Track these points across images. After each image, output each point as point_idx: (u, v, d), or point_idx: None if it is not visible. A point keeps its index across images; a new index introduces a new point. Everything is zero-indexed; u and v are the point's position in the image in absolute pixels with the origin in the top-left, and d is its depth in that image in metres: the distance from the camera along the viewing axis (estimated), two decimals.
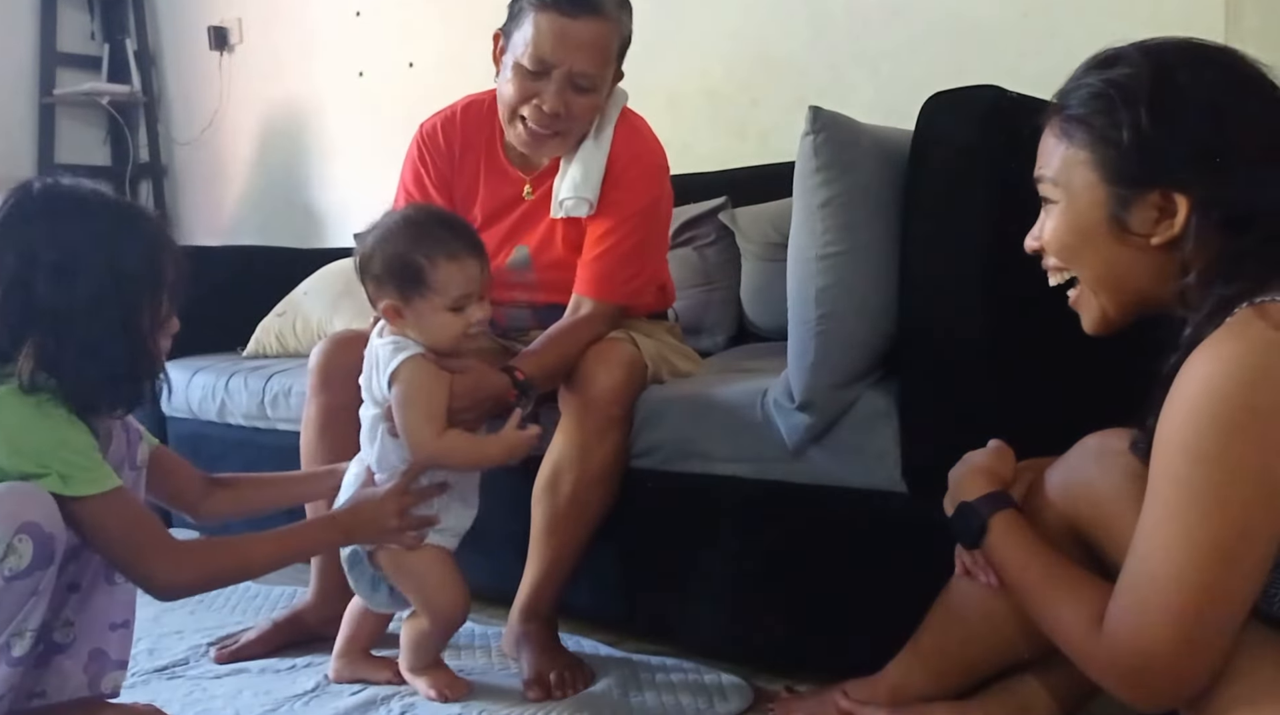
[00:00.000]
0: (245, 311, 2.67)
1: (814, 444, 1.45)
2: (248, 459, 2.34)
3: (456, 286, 1.40)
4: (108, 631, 1.32)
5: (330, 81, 3.48)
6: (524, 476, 1.62)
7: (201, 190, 3.99)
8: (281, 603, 2.05)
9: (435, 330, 1.42)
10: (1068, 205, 1.03)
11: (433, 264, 1.39)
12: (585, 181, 1.67)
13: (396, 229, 1.43)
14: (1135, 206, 0.97)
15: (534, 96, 1.61)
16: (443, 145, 1.78)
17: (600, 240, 1.69)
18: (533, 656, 1.55)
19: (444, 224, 1.44)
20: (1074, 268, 1.06)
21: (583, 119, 1.66)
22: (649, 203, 1.71)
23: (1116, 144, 0.97)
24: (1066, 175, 1.02)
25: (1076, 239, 1.03)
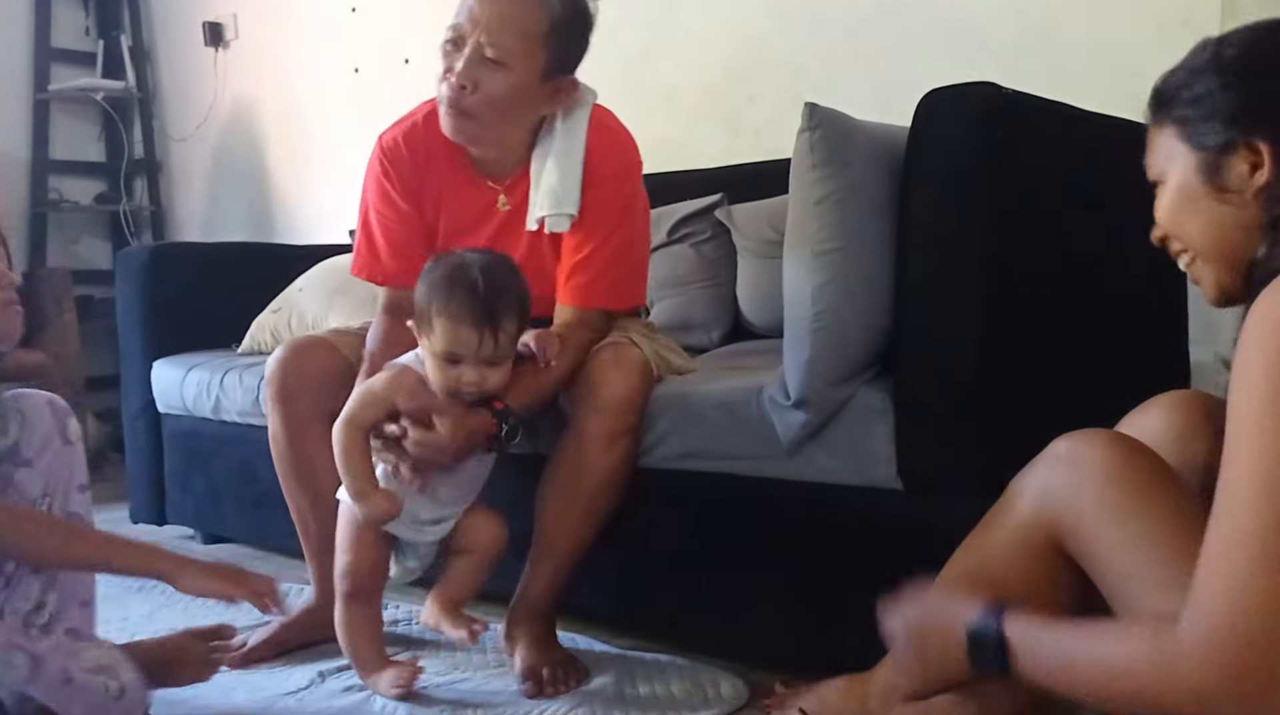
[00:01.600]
0: (240, 308, 2.66)
1: (810, 441, 1.45)
2: (242, 456, 2.34)
3: (445, 343, 1.43)
4: (78, 609, 1.36)
5: (326, 77, 3.47)
6: (527, 475, 1.62)
7: (196, 186, 3.98)
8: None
9: (430, 369, 1.46)
10: (1170, 181, 1.07)
11: (435, 313, 1.43)
12: (565, 194, 1.62)
13: (442, 267, 1.47)
14: (1226, 162, 1.01)
15: (449, 69, 1.56)
16: (406, 156, 1.71)
17: (581, 246, 1.64)
18: (527, 652, 1.55)
19: (469, 289, 1.42)
20: (1185, 240, 1.08)
21: (495, 101, 1.57)
22: (626, 201, 1.67)
23: (1198, 110, 1.02)
24: (1166, 155, 1.07)
25: (1182, 208, 1.06)
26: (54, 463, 1.36)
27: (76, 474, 1.39)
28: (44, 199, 3.79)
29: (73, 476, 1.38)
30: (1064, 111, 1.44)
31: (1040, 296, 1.38)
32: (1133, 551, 1.01)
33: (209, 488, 2.46)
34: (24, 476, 1.33)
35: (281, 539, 2.23)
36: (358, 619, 1.55)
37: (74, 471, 1.39)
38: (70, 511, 1.37)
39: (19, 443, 1.33)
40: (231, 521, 2.45)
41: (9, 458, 1.32)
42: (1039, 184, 1.37)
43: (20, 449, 1.33)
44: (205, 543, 2.58)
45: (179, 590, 1.35)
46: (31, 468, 1.34)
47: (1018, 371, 1.34)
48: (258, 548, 2.46)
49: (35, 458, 1.34)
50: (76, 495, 1.39)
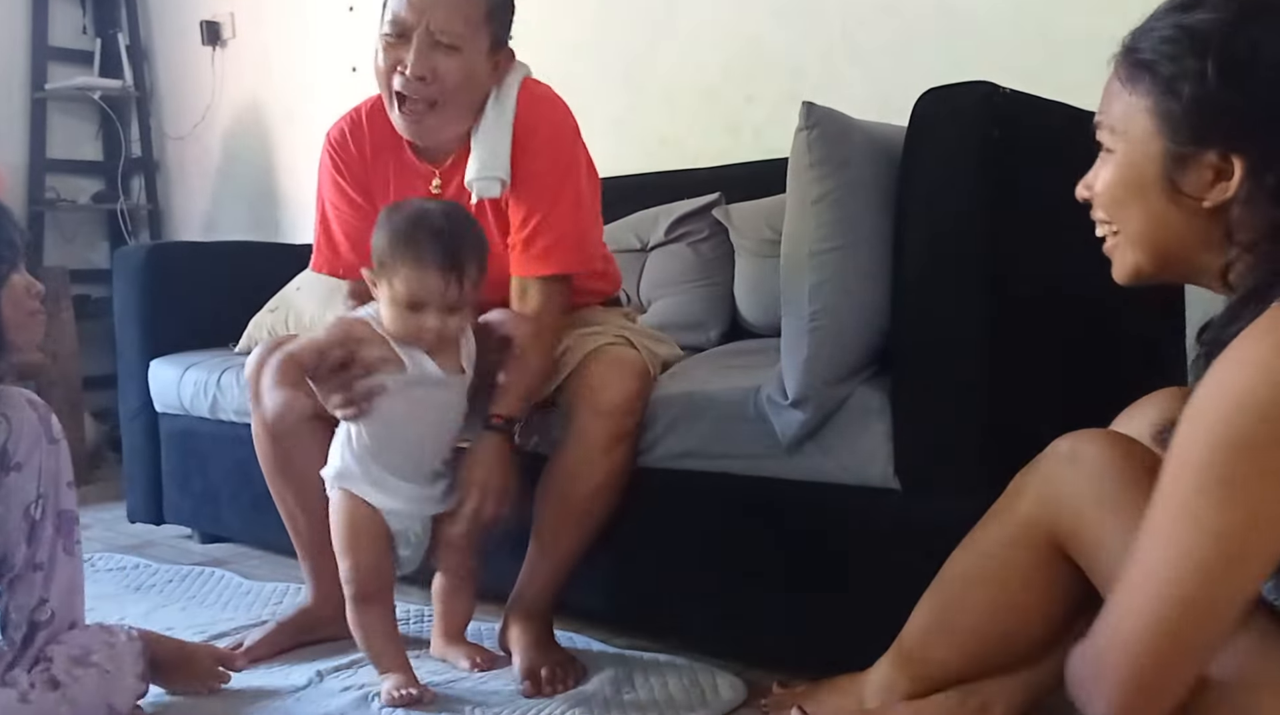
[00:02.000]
0: (237, 307, 2.66)
1: (807, 441, 1.45)
2: (239, 455, 2.33)
3: (410, 289, 1.44)
4: (73, 598, 1.39)
5: (323, 77, 3.46)
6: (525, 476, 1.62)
7: (194, 185, 3.98)
8: (274, 599, 2.05)
9: (390, 318, 1.47)
10: (1123, 155, 0.99)
11: (400, 260, 1.44)
12: (493, 158, 1.61)
13: (402, 214, 1.48)
14: (1191, 165, 0.93)
15: (399, 63, 1.56)
16: (353, 150, 1.72)
17: (529, 215, 1.61)
18: (526, 652, 1.55)
19: (434, 234, 1.44)
20: (1119, 221, 1.01)
21: (455, 86, 1.57)
22: (567, 164, 1.63)
23: (1179, 96, 0.92)
24: (1125, 123, 0.98)
25: (1127, 192, 0.99)
26: (44, 462, 1.37)
27: (64, 471, 1.41)
28: (41, 198, 3.79)
29: (61, 474, 1.40)
30: (1061, 110, 1.44)
31: (1037, 296, 1.38)
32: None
33: (206, 487, 2.46)
34: (15, 481, 1.34)
35: (279, 538, 2.22)
36: (369, 618, 1.53)
37: (61, 469, 1.40)
38: (62, 509, 1.39)
39: (6, 446, 1.34)
40: (229, 521, 2.45)
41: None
42: (1036, 183, 1.37)
43: (8, 453, 1.34)
44: (203, 542, 2.58)
45: None
46: (21, 471, 1.35)
47: (1015, 371, 1.34)
48: (255, 547, 2.46)
49: (25, 461, 1.35)
50: (66, 491, 1.41)
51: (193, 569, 2.27)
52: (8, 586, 1.34)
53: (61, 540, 1.38)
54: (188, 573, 2.25)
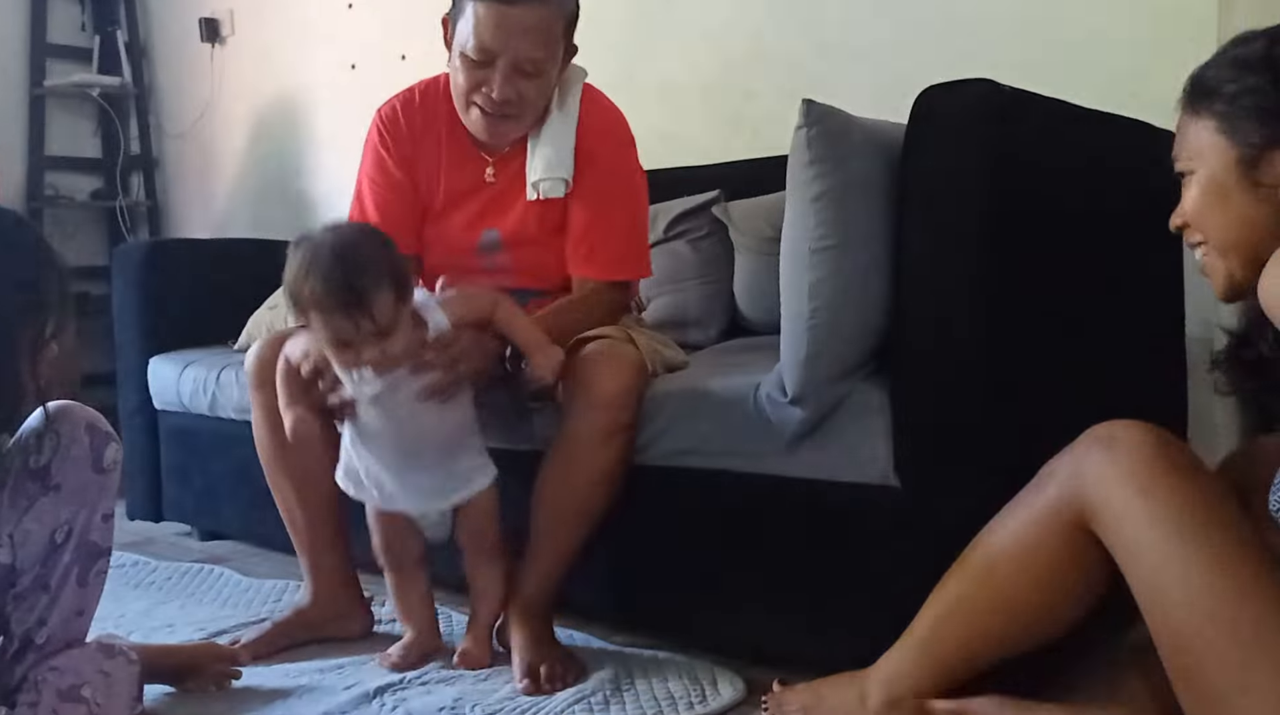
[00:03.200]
0: (236, 304, 2.66)
1: (807, 438, 1.45)
2: (239, 453, 2.33)
3: (326, 333, 1.44)
4: (77, 622, 1.35)
5: (322, 74, 3.46)
6: (524, 473, 1.62)
7: (193, 182, 3.97)
8: (273, 596, 2.05)
9: (329, 355, 1.47)
10: (1202, 173, 1.10)
11: (306, 308, 1.44)
12: (559, 161, 1.67)
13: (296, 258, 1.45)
14: (1264, 162, 1.06)
15: (483, 84, 1.61)
16: (404, 127, 1.76)
17: (592, 220, 1.69)
18: (525, 650, 1.55)
19: (326, 279, 1.40)
20: (1206, 231, 1.11)
21: (535, 102, 1.65)
22: (629, 174, 1.73)
23: (1244, 107, 1.06)
24: (1198, 145, 1.10)
25: (1212, 201, 1.10)
26: (82, 491, 1.32)
27: (103, 503, 1.35)
28: (40, 195, 3.78)
29: (98, 505, 1.34)
30: (1062, 109, 1.44)
31: (1038, 293, 1.38)
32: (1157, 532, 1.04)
33: (206, 484, 2.46)
34: (50, 501, 1.29)
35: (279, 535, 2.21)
36: (401, 580, 1.63)
37: (101, 500, 1.34)
38: (88, 539, 1.34)
39: (50, 465, 1.29)
40: (229, 518, 2.45)
41: (38, 478, 1.29)
42: (1037, 181, 1.37)
43: (51, 472, 1.29)
44: (202, 539, 2.58)
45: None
46: (59, 493, 1.29)
47: (1015, 369, 1.34)
48: (255, 545, 2.46)
49: (65, 483, 1.30)
50: (99, 524, 1.35)
51: (192, 566, 2.27)
52: (13, 600, 1.30)
53: (77, 569, 1.32)
54: (187, 570, 2.25)
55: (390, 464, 1.53)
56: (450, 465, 1.55)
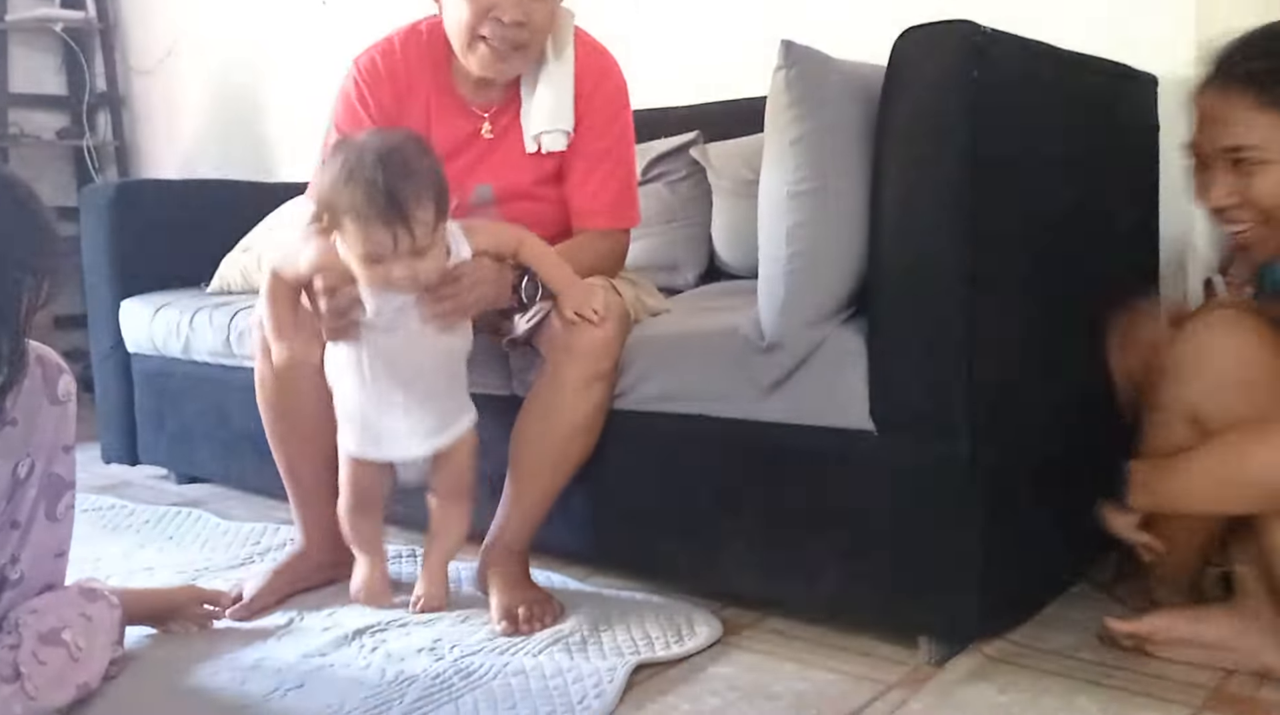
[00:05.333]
0: (208, 247, 2.63)
1: (784, 383, 1.45)
2: (213, 396, 2.32)
3: (360, 245, 1.39)
4: (53, 561, 1.36)
5: (294, 8, 3.38)
6: (500, 418, 1.62)
7: (162, 121, 3.89)
8: (251, 539, 2.06)
9: (356, 270, 1.43)
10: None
11: (342, 213, 1.39)
12: (559, 111, 1.64)
13: (338, 162, 1.40)
14: None
15: (491, 10, 1.55)
16: (385, 79, 1.68)
17: (592, 169, 1.67)
18: (503, 592, 1.57)
19: (369, 185, 1.35)
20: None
21: (542, 29, 1.60)
22: (625, 122, 1.71)
23: None
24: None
25: None
26: (42, 422, 1.32)
27: (62, 434, 1.35)
28: (4, 133, 3.70)
29: (59, 437, 1.35)
30: (1041, 50, 1.43)
31: (1016, 237, 1.38)
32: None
33: (181, 428, 2.45)
34: (8, 435, 1.29)
35: (255, 479, 2.23)
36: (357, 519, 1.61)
37: (60, 431, 1.35)
38: (52, 472, 1.34)
39: (3, 400, 1.28)
40: (204, 462, 2.44)
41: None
42: (1016, 123, 1.36)
43: (5, 407, 1.28)
44: (179, 483, 2.58)
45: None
46: (16, 427, 1.30)
47: (991, 314, 1.34)
48: (231, 487, 2.46)
49: (22, 417, 1.30)
50: (61, 456, 1.36)
51: (169, 509, 2.27)
52: None
53: (44, 503, 1.33)
54: (164, 513, 2.25)
55: (380, 396, 1.51)
56: (438, 402, 1.54)
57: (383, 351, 1.49)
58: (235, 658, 1.48)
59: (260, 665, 1.45)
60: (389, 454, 1.55)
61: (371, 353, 1.50)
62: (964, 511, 1.34)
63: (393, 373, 1.50)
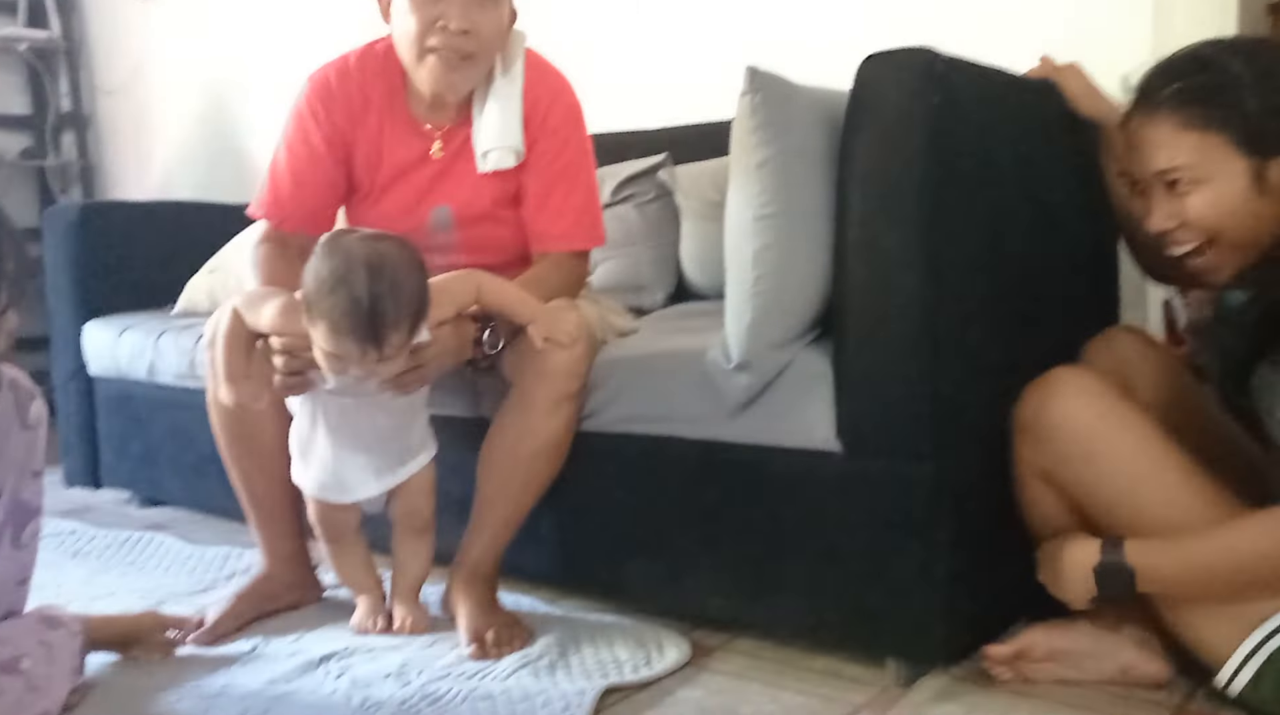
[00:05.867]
0: (175, 268, 2.61)
1: (751, 404, 1.46)
2: (177, 420, 2.30)
3: (327, 346, 1.37)
4: (15, 589, 1.33)
5: (265, 27, 3.37)
6: (467, 440, 1.62)
7: (128, 141, 3.86)
8: (215, 563, 2.03)
9: (317, 354, 1.40)
10: (1216, 183, 1.24)
11: (318, 313, 1.37)
12: (506, 129, 1.63)
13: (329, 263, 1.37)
14: (1270, 166, 1.22)
15: (438, 19, 1.54)
16: (339, 98, 1.67)
17: (550, 192, 1.66)
18: (470, 615, 1.56)
19: (353, 302, 1.34)
20: (1221, 234, 1.26)
21: (490, 39, 1.58)
22: (580, 141, 1.70)
23: (1249, 120, 1.22)
24: (1205, 158, 1.24)
25: (1230, 207, 1.24)
26: (9, 447, 1.30)
27: (31, 460, 1.33)
28: None
29: (28, 462, 1.33)
30: (999, 76, 1.45)
31: (977, 259, 1.40)
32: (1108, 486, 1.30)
33: (145, 451, 2.42)
34: None
35: (221, 502, 2.20)
36: (339, 550, 1.63)
37: (29, 457, 1.33)
38: (19, 498, 1.32)
39: None
40: (169, 485, 2.41)
41: None
42: (975, 147, 1.38)
43: None
44: (142, 507, 2.55)
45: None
46: None
47: (955, 336, 1.36)
48: (196, 511, 2.43)
49: None
50: (29, 481, 1.33)
51: (132, 534, 2.24)
52: None
53: (10, 529, 1.31)
54: (127, 538, 2.22)
55: (338, 441, 1.52)
56: (395, 444, 1.54)
57: (339, 410, 1.50)
58: (199, 685, 1.46)
59: (224, 693, 1.43)
60: (348, 496, 1.56)
61: (326, 410, 1.50)
62: (930, 532, 1.35)
63: (348, 430, 1.51)
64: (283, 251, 1.65)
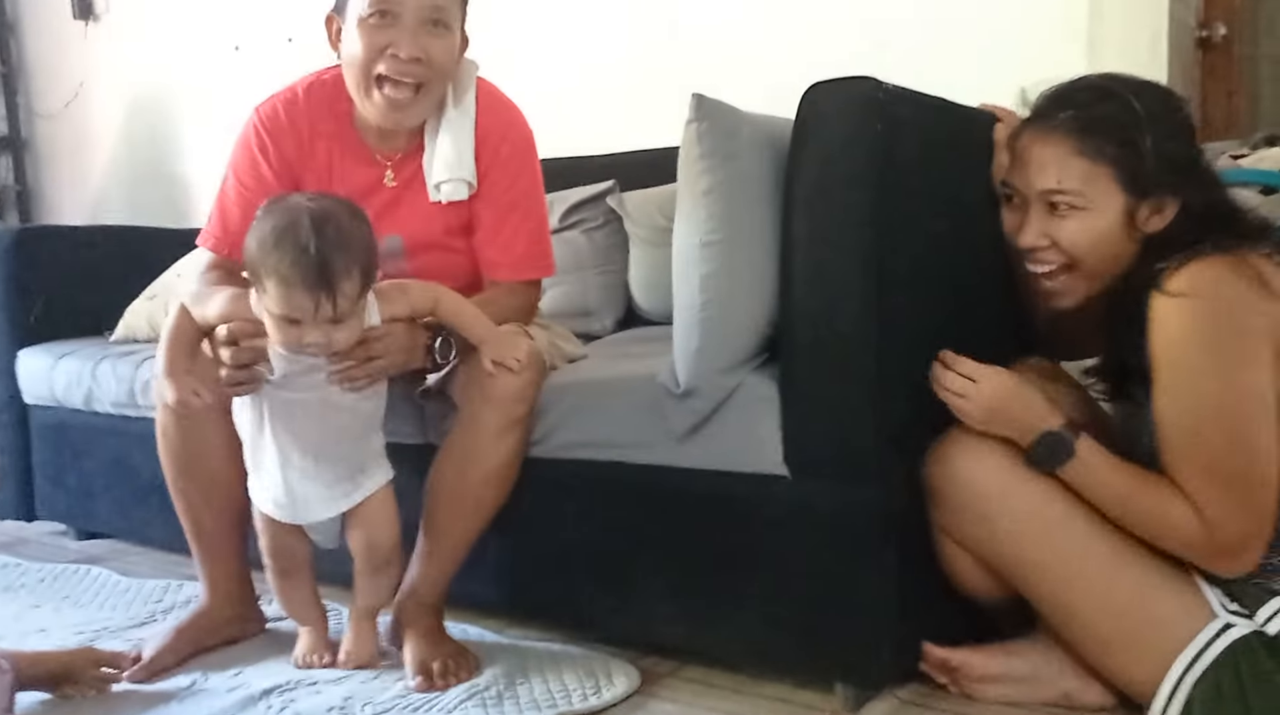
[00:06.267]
0: (113, 294, 2.56)
1: (699, 429, 1.46)
2: (116, 449, 2.25)
3: (280, 306, 1.36)
4: None
5: (204, 55, 3.34)
6: (415, 467, 1.60)
7: (66, 165, 3.80)
8: (154, 596, 1.98)
9: (270, 328, 1.39)
10: (1093, 213, 1.28)
11: (266, 273, 1.35)
12: (459, 160, 1.62)
13: (272, 221, 1.37)
14: (1141, 209, 1.27)
15: (388, 47, 1.53)
16: (287, 129, 1.65)
17: (502, 222, 1.66)
18: (416, 646, 1.53)
19: (300, 250, 1.33)
20: (1084, 261, 1.30)
21: (442, 68, 1.57)
22: (532, 171, 1.70)
23: (1138, 161, 1.26)
24: (1091, 188, 1.28)
25: (1099, 239, 1.29)
26: None
27: None
28: None
29: None
30: (939, 105, 1.48)
31: (920, 285, 1.42)
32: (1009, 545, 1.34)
33: (81, 481, 2.36)
34: None
35: (160, 533, 2.16)
36: (287, 586, 1.59)
37: None
38: None
39: None
40: (106, 516, 2.36)
41: None
42: (917, 174, 1.40)
43: None
44: (78, 539, 2.48)
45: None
46: None
47: (900, 360, 1.37)
48: (134, 542, 2.37)
49: None
50: None
51: (67, 567, 2.18)
52: None
53: None
54: (61, 571, 2.16)
55: (290, 458, 1.48)
56: (343, 465, 1.51)
57: (287, 411, 1.46)
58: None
59: None
60: (303, 516, 1.52)
61: (274, 411, 1.47)
62: (877, 556, 1.36)
63: (296, 433, 1.47)
64: (229, 280, 1.62)
